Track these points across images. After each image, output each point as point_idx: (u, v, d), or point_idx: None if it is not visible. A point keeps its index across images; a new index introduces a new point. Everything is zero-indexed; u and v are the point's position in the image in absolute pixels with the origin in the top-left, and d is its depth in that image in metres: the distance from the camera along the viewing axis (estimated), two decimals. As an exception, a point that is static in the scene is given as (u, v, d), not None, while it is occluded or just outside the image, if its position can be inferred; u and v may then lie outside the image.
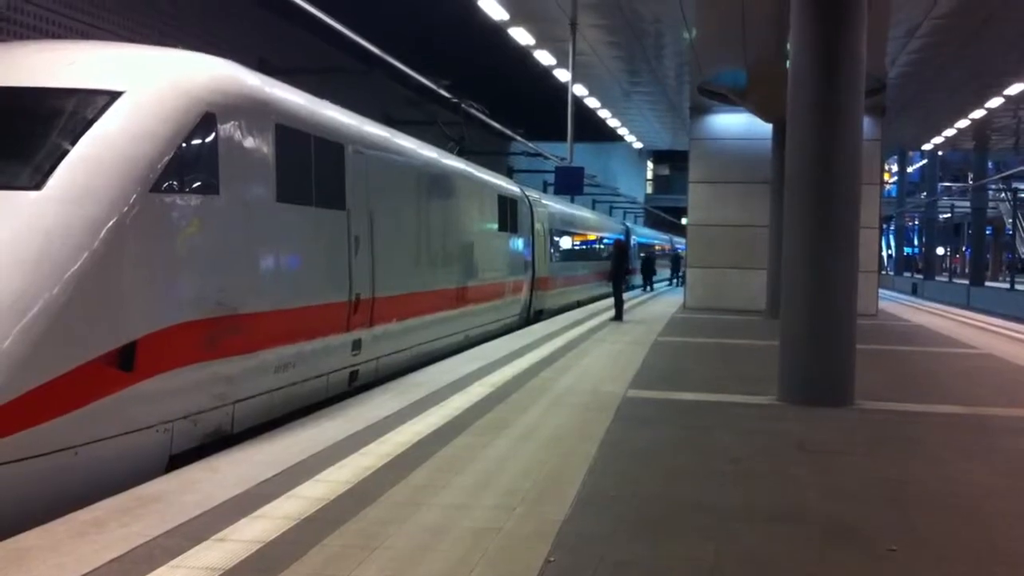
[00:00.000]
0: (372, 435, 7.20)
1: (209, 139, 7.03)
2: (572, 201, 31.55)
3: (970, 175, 53.03)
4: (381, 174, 10.63)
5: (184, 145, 6.73)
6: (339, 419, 7.79)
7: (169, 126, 6.64)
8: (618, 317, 19.28)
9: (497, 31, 17.56)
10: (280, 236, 8.10)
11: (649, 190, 69.98)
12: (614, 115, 28.38)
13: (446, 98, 20.79)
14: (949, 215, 65.18)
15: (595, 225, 31.80)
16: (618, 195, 54.58)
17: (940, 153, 51.98)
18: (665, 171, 69.20)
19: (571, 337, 15.63)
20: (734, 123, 23.72)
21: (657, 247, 50.81)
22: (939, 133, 32.85)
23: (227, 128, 7.25)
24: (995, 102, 24.64)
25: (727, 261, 23.48)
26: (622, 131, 32.26)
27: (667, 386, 10.38)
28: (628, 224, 46.12)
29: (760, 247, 21.48)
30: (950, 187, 66.66)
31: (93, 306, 5.79)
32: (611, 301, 20.23)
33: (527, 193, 21.07)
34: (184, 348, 6.52)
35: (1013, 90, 22.68)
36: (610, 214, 51.53)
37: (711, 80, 21.00)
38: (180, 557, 4.44)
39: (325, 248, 9.06)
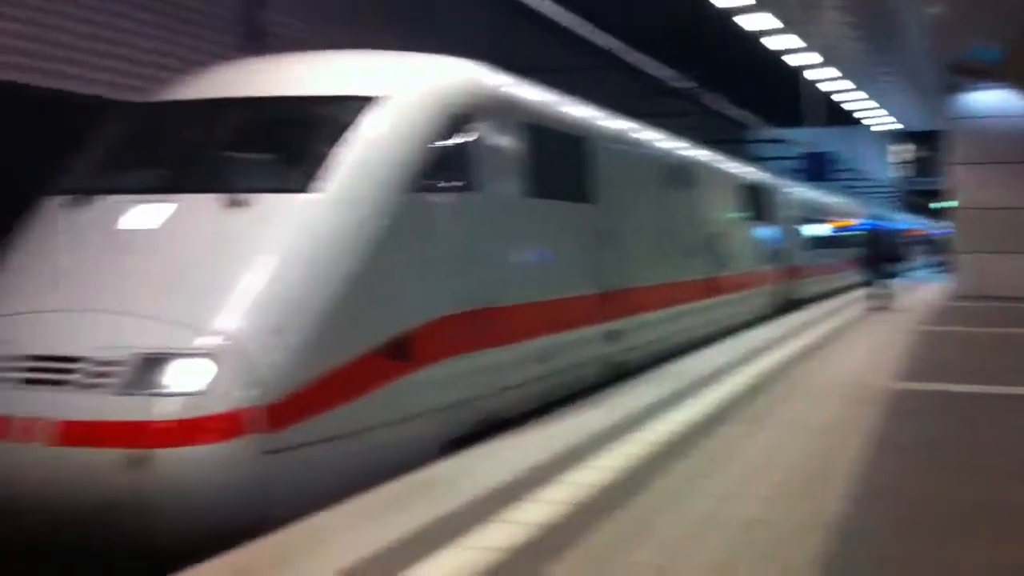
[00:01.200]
0: (634, 424, 7.24)
1: (463, 140, 7.29)
2: (817, 187, 30.56)
3: None
4: (626, 167, 10.69)
5: (441, 146, 7.00)
6: (601, 408, 7.89)
7: (426, 129, 6.92)
8: (880, 307, 18.51)
9: (730, 18, 17.28)
10: (532, 231, 8.29)
11: (894, 173, 66.81)
12: (857, 98, 27.29)
13: (683, 90, 20.62)
14: None
15: (845, 211, 30.66)
16: (863, 179, 52.45)
17: None
18: (912, 153, 65.85)
19: (829, 327, 15.16)
20: (996, 100, 22.26)
21: (908, 232, 48.44)
22: None
23: (479, 128, 7.50)
24: None
25: (998, 246, 22.02)
26: (865, 114, 30.99)
27: (935, 377, 9.92)
28: (880, 210, 44.21)
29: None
30: None
31: (367, 301, 6.09)
32: (868, 290, 19.48)
33: (773, 180, 20.59)
34: (453, 339, 6.78)
35: None
36: (857, 199, 49.59)
37: (964, 56, 19.77)
38: (462, 538, 4.62)
39: (576, 241, 9.21)
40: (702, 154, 15.12)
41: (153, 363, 5.29)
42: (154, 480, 5.06)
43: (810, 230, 23.85)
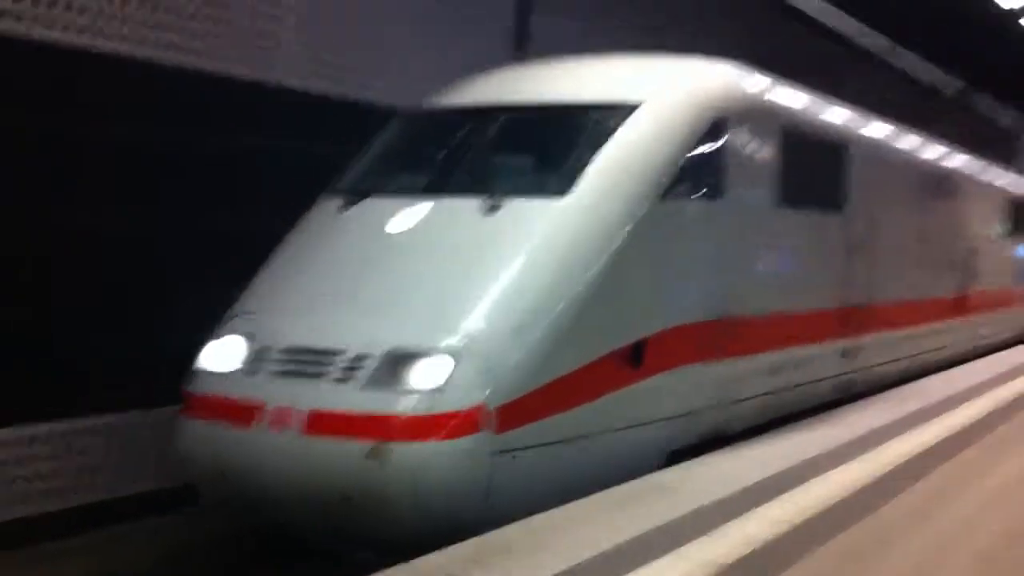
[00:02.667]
0: (870, 443, 7.09)
1: (717, 145, 7.33)
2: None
3: None
4: (881, 176, 10.39)
5: (694, 152, 7.08)
6: (834, 426, 7.74)
7: (681, 134, 7.02)
8: None
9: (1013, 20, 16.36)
10: (777, 241, 8.23)
11: None
12: None
13: (950, 93, 19.65)
14: None
15: None
16: None
17: None
18: None
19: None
20: None
21: None
22: None
23: (735, 134, 7.52)
24: None
25: None
26: None
27: None
28: None
29: None
30: None
31: (609, 305, 6.25)
32: None
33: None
34: (686, 348, 6.84)
35: None
36: None
37: None
38: (703, 539, 4.70)
39: (820, 254, 9.05)
40: (967, 163, 14.43)
41: (399, 360, 5.61)
42: (389, 472, 5.37)
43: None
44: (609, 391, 6.20)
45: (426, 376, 5.56)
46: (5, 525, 6.75)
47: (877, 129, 10.85)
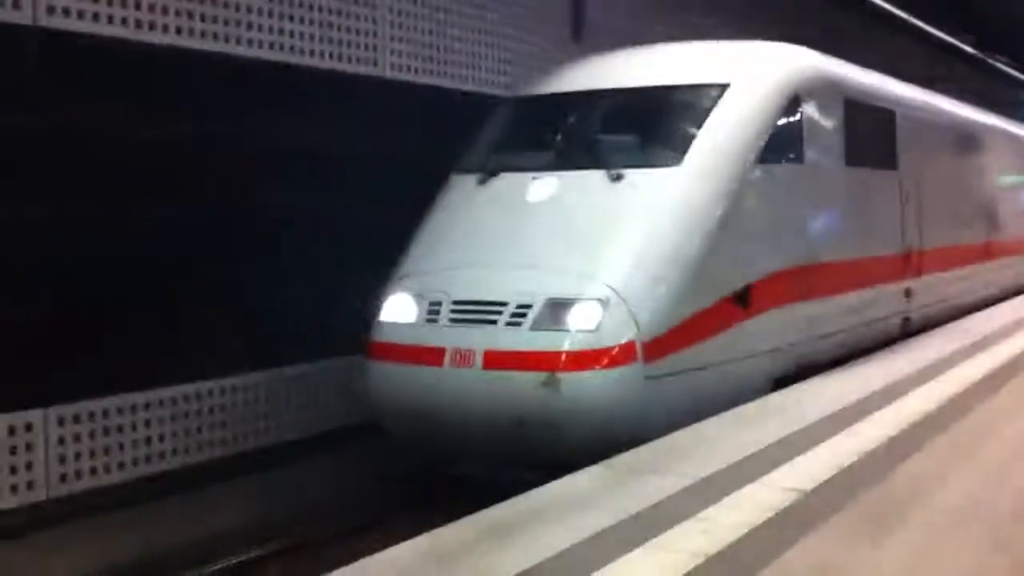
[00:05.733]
0: (941, 369, 8.17)
1: (796, 117, 8.41)
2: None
3: None
4: (924, 135, 11.48)
5: (778, 124, 8.15)
6: (906, 356, 8.83)
7: (768, 109, 8.08)
8: None
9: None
10: (848, 196, 9.32)
11: None
12: None
13: (965, 52, 20.62)
14: None
15: None
16: None
17: None
18: None
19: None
20: None
21: None
22: None
23: (809, 107, 8.61)
24: None
25: None
26: None
27: None
28: None
29: None
30: None
31: (722, 256, 7.33)
32: None
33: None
34: (783, 291, 7.93)
35: None
36: None
37: None
38: (823, 444, 5.78)
39: (883, 205, 10.16)
40: (990, 119, 15.51)
41: (559, 306, 6.72)
42: (560, 398, 6.49)
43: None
44: (727, 328, 7.30)
45: (584, 319, 6.65)
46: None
47: (915, 93, 11.94)
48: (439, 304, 7.10)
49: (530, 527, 4.30)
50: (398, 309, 7.29)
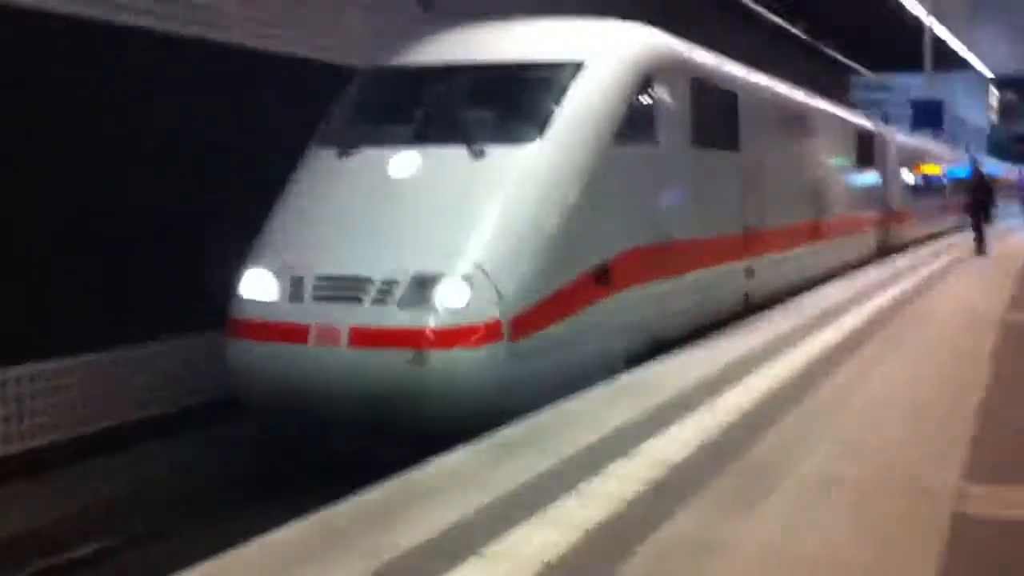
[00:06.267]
0: (787, 344, 8.51)
1: (648, 97, 8.61)
2: (919, 132, 31.11)
3: None
4: (764, 118, 11.90)
5: (633, 104, 8.31)
6: (752, 332, 9.17)
7: (622, 88, 8.23)
8: (980, 251, 19.39)
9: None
10: (696, 176, 9.57)
11: (993, 119, 66.04)
12: (962, 41, 27.79)
13: (798, 38, 21.49)
14: None
15: (945, 158, 31.22)
16: (961, 125, 52.27)
17: None
18: (1013, 98, 65.04)
19: (934, 269, 16.20)
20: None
21: (1003, 179, 48.32)
22: None
23: (660, 87, 8.82)
24: None
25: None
26: (971, 57, 31.36)
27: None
28: (976, 155, 44.27)
29: None
30: None
31: (583, 233, 7.45)
32: (967, 234, 20.34)
33: (879, 127, 21.46)
34: (639, 269, 8.11)
35: None
36: (952, 144, 49.55)
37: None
38: (684, 418, 5.95)
39: (727, 186, 10.49)
40: (820, 103, 16.20)
41: (425, 283, 6.69)
42: (427, 375, 6.49)
43: (912, 176, 24.65)
44: (588, 305, 7.42)
45: (450, 296, 6.66)
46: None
47: (755, 76, 12.35)
48: (301, 280, 6.97)
49: (414, 506, 4.29)
50: (258, 286, 7.13)
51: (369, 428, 6.71)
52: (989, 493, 4.62)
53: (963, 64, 32.94)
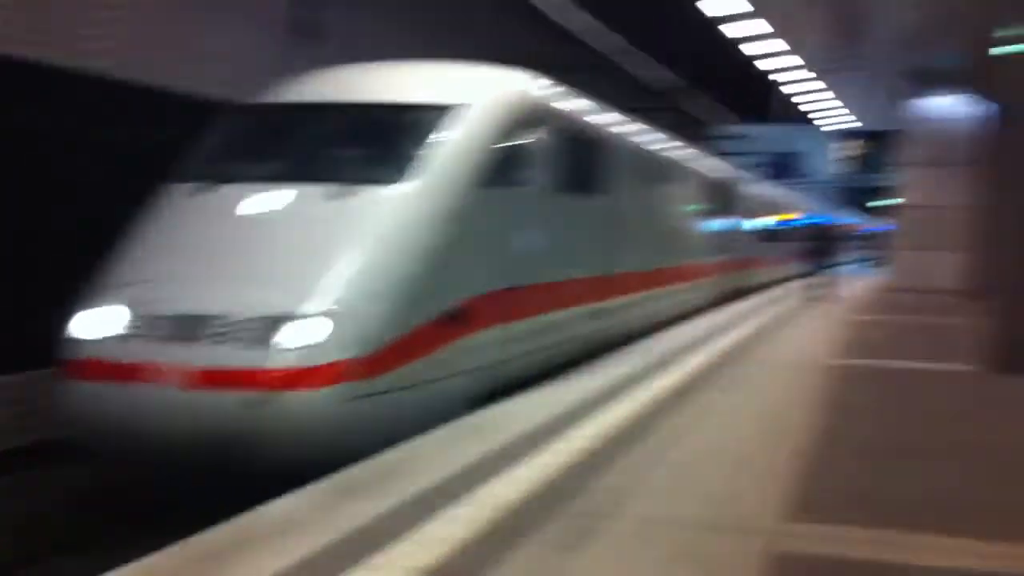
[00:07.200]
0: (629, 386, 8.74)
1: (518, 143, 8.84)
2: (769, 182, 32.36)
3: None
4: (623, 165, 12.26)
5: (502, 148, 8.52)
6: (598, 374, 9.38)
7: (492, 134, 8.44)
8: (817, 295, 20.25)
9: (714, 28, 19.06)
10: (557, 221, 9.83)
11: (836, 170, 69.22)
12: (814, 97, 29.18)
13: (661, 89, 22.24)
14: None
15: (792, 206, 32.50)
16: (806, 176, 54.55)
17: None
18: (856, 151, 68.24)
19: (775, 313, 16.84)
20: (943, 106, 23.89)
21: (846, 228, 50.61)
22: None
23: (530, 133, 9.08)
24: None
25: (929, 242, 23.83)
26: (819, 112, 32.90)
27: (872, 355, 11.58)
28: (821, 205, 46.22)
29: (961, 228, 21.85)
30: None
31: (440, 275, 7.56)
32: (809, 280, 21.20)
33: (733, 176, 22.26)
34: (493, 312, 8.25)
35: None
36: (799, 194, 51.61)
37: (927, 63, 21.60)
38: (525, 460, 6.05)
39: (586, 231, 10.80)
40: (681, 152, 16.76)
41: (270, 323, 6.66)
42: (268, 418, 6.44)
43: (761, 223, 25.59)
44: (439, 347, 7.50)
45: (296, 336, 6.64)
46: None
47: (618, 125, 12.73)
48: (143, 318, 6.85)
49: (246, 550, 4.26)
50: (96, 323, 6.97)
51: (208, 473, 6.60)
52: (807, 531, 4.86)
53: (824, 117, 34.51)
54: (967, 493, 5.76)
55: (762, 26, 19.68)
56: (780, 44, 21.24)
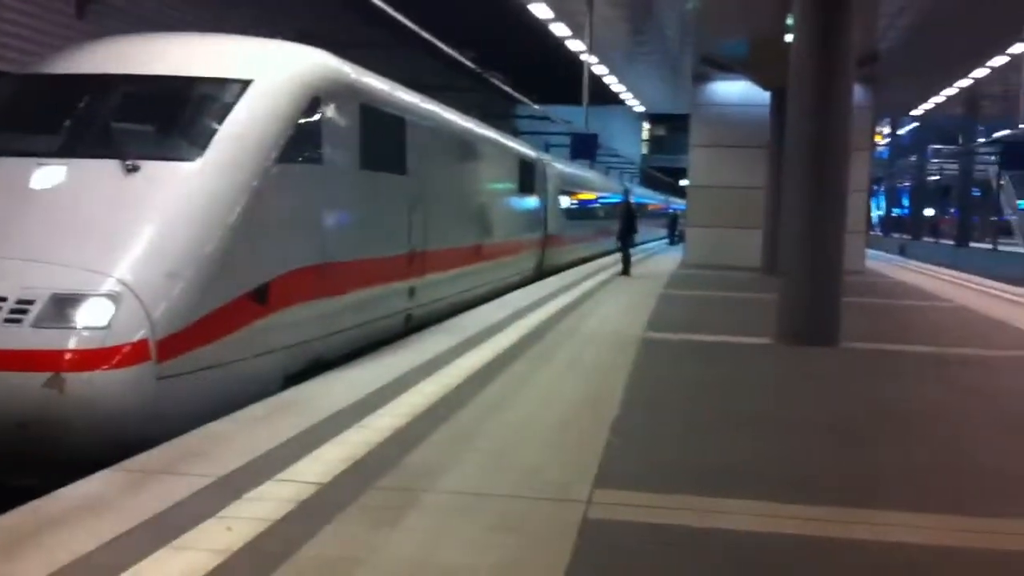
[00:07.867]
0: (443, 362, 8.76)
1: (316, 119, 8.59)
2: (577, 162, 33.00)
3: (960, 139, 54.21)
4: (431, 143, 12.18)
5: (299, 124, 8.27)
6: (411, 351, 9.35)
7: (289, 109, 8.18)
8: (625, 272, 20.85)
9: (517, 7, 19.25)
10: (361, 198, 9.66)
11: (645, 151, 71.42)
12: (618, 80, 29.91)
13: (469, 68, 22.27)
14: (939, 177, 66.56)
15: (600, 186, 33.29)
16: (617, 156, 55.97)
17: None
18: (662, 132, 70.57)
19: (585, 289, 17.21)
20: (734, 90, 25.03)
21: (651, 207, 52.30)
22: (928, 100, 34.40)
23: (328, 109, 8.83)
24: (980, 72, 26.25)
25: (725, 221, 24.96)
26: (625, 95, 33.75)
27: (678, 329, 11.97)
28: (628, 184, 47.56)
29: (756, 207, 22.97)
30: (940, 149, 67.44)
31: (241, 253, 7.31)
32: (616, 257, 21.82)
33: (540, 156, 22.59)
34: (299, 288, 8.07)
35: (996, 62, 24.32)
36: (608, 174, 52.97)
37: (714, 50, 22.49)
38: (336, 438, 5.98)
39: (392, 208, 10.65)
40: (486, 131, 16.81)
41: (65, 302, 6.31)
42: (65, 399, 6.11)
43: (569, 202, 26.09)
44: (244, 325, 7.30)
45: (92, 315, 6.31)
46: None
47: (423, 102, 12.64)
48: None
49: (45, 534, 4.05)
50: None
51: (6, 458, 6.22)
52: (616, 499, 4.98)
53: (621, 100, 35.43)
54: (761, 461, 6.03)
55: (545, 11, 20.26)
56: (563, 29, 21.84)
